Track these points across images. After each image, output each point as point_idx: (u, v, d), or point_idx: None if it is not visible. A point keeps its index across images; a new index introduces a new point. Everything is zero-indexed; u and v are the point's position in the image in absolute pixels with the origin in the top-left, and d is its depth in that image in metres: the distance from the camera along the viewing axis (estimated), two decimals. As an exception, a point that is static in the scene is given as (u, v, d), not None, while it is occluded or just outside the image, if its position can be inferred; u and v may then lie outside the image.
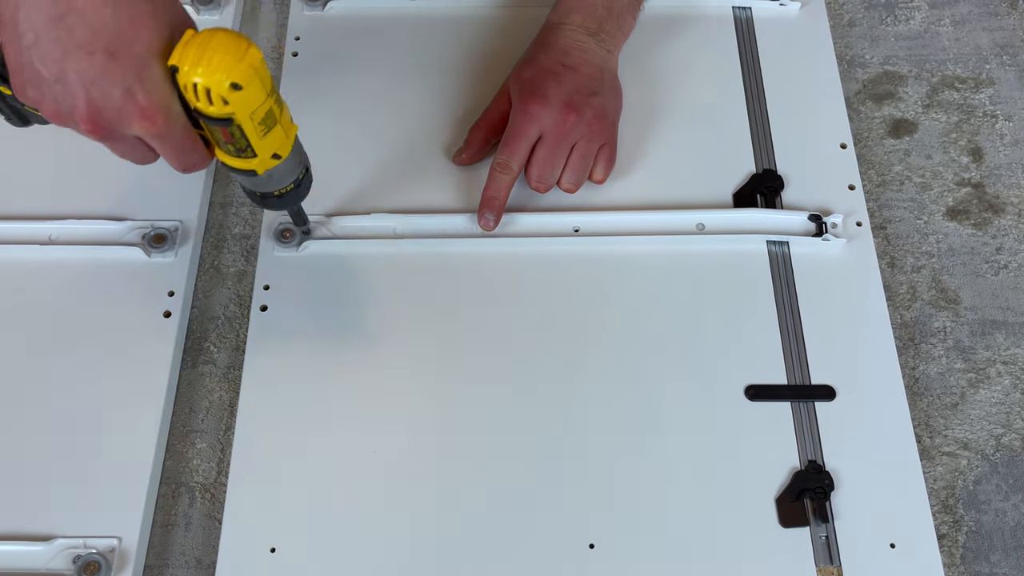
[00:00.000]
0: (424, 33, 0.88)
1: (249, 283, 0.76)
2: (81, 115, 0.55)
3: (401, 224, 0.77)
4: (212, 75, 0.53)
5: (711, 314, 0.74)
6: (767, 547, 0.65)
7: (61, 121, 0.57)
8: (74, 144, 0.80)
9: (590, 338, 0.73)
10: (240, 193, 0.81)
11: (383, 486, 0.67)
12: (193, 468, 0.70)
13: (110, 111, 0.55)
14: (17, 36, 0.54)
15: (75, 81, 0.54)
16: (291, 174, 0.64)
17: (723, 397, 0.70)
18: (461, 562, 0.65)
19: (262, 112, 0.56)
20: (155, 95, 0.55)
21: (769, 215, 0.78)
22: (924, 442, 0.71)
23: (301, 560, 0.65)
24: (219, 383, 0.73)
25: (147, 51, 0.54)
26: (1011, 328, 0.76)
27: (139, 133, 0.56)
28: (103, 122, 0.55)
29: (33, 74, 0.55)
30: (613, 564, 0.65)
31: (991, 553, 0.67)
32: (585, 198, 0.78)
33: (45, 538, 0.64)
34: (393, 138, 0.82)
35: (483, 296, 0.75)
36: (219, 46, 0.53)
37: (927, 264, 0.78)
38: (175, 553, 0.67)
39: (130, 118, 0.55)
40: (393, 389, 0.71)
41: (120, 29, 0.53)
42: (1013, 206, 0.81)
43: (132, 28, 0.53)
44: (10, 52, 0.55)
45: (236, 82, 0.53)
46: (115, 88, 0.54)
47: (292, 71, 0.86)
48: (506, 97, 0.78)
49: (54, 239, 0.76)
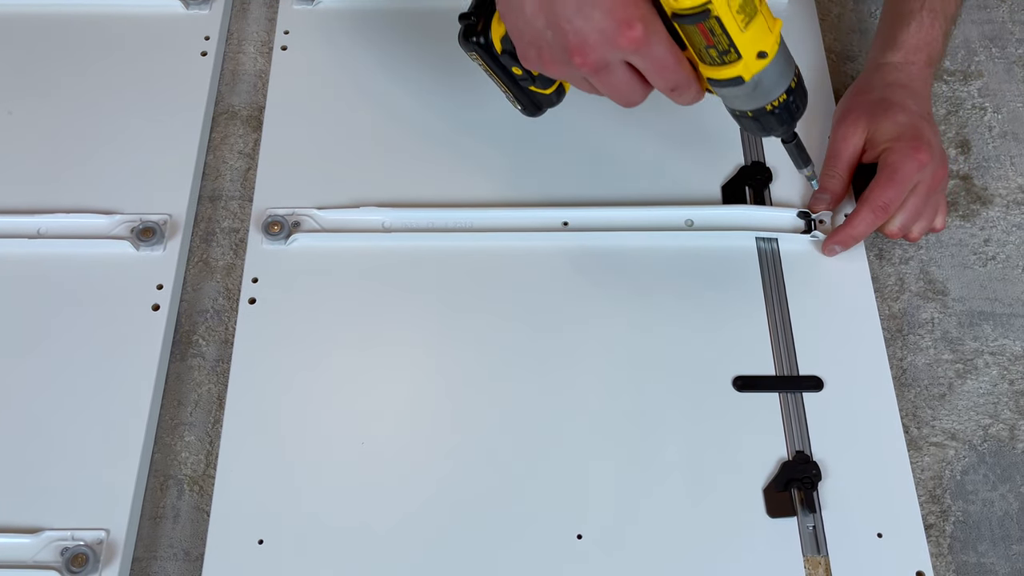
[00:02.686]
0: (413, 28, 0.88)
1: (238, 276, 0.76)
2: (572, 49, 0.58)
3: (390, 218, 0.77)
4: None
5: (700, 306, 0.74)
6: (754, 537, 0.65)
7: (562, 69, 0.61)
8: (63, 138, 0.81)
9: (579, 331, 0.73)
10: (229, 187, 0.81)
11: (371, 478, 0.67)
12: (181, 461, 0.70)
13: (594, 35, 0.58)
14: (515, 5, 0.59)
15: (561, 18, 0.58)
16: (782, 79, 0.61)
17: (711, 388, 0.71)
18: (449, 553, 0.65)
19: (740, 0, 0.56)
20: (631, 6, 0.57)
21: (758, 212, 0.78)
22: (912, 432, 0.71)
23: (289, 552, 0.65)
24: (208, 376, 0.73)
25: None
26: (998, 319, 0.76)
27: (624, 51, 0.58)
28: (591, 49, 0.58)
29: (530, 31, 0.60)
30: (600, 555, 0.65)
31: (978, 543, 0.67)
32: (574, 192, 0.78)
33: (33, 530, 0.64)
34: (382, 132, 0.82)
35: (472, 290, 0.75)
36: None
37: (915, 256, 0.79)
38: (163, 545, 0.67)
39: (612, 36, 0.57)
40: (381, 382, 0.71)
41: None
42: (1001, 198, 0.81)
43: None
44: (510, 22, 0.61)
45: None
46: (594, 10, 0.57)
47: (281, 65, 0.86)
48: (854, 133, 0.76)
49: (42, 233, 0.76)
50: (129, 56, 0.86)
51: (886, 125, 0.75)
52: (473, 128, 0.82)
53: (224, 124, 0.85)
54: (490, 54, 0.65)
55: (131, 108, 0.83)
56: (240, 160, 0.83)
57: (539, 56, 0.61)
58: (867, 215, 0.73)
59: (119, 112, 0.83)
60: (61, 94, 0.84)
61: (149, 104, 0.83)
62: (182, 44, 0.87)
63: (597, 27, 0.57)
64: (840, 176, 0.76)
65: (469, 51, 0.65)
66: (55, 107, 0.83)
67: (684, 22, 0.57)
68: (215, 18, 0.88)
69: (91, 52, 0.86)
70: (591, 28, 0.57)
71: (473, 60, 0.66)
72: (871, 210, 0.73)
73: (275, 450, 0.68)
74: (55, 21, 0.88)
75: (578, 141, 0.81)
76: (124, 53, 0.86)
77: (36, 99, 0.84)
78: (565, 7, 0.57)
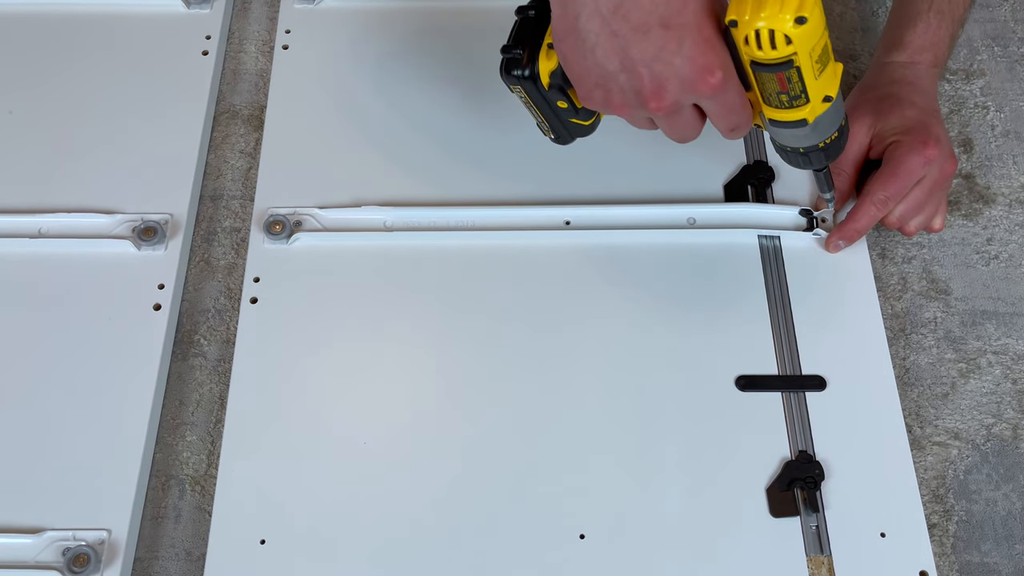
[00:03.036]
0: (414, 27, 0.88)
1: (239, 276, 0.76)
2: (648, 93, 0.58)
3: (391, 217, 0.77)
4: (777, 15, 0.54)
5: (702, 305, 0.74)
6: (757, 537, 0.65)
7: (629, 111, 0.61)
8: (63, 137, 0.81)
9: (581, 330, 0.73)
10: (231, 186, 0.81)
11: (373, 478, 0.67)
12: (183, 461, 0.70)
13: (673, 80, 0.57)
14: (580, 43, 0.58)
15: (638, 62, 0.57)
16: (837, 119, 0.62)
17: (714, 388, 0.70)
18: (451, 553, 0.65)
19: (820, 47, 0.56)
20: (711, 53, 0.56)
21: (760, 209, 0.78)
22: (915, 432, 0.71)
23: (291, 552, 0.65)
24: (209, 376, 0.73)
25: (695, 14, 0.56)
26: (1001, 318, 0.76)
27: (699, 95, 0.58)
28: (668, 94, 0.57)
29: (599, 74, 0.58)
30: (603, 554, 0.65)
31: (982, 542, 0.67)
32: (576, 190, 0.78)
33: (34, 530, 0.64)
34: (383, 131, 0.82)
35: (474, 289, 0.75)
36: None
37: (918, 255, 0.78)
38: (165, 545, 0.67)
39: (692, 81, 0.57)
40: (383, 381, 0.71)
41: (668, 1, 0.55)
42: (1004, 197, 0.81)
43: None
44: (575, 62, 0.59)
45: (801, 15, 0.54)
46: (675, 56, 0.56)
47: (282, 65, 0.86)
48: (860, 130, 0.76)
49: (44, 232, 0.76)
50: (130, 55, 0.86)
51: (893, 120, 0.75)
52: (475, 127, 0.82)
53: (225, 123, 0.85)
54: (536, 87, 0.64)
55: (132, 107, 0.83)
56: (241, 159, 0.83)
57: (606, 98, 0.60)
58: (868, 208, 0.73)
59: (120, 111, 0.83)
60: (62, 93, 0.84)
61: (150, 103, 0.83)
62: (183, 43, 0.87)
63: (677, 72, 0.56)
64: (846, 174, 0.76)
65: (513, 84, 0.64)
66: (56, 106, 0.83)
67: (764, 71, 0.57)
68: (216, 17, 0.88)
69: (92, 51, 0.86)
70: (671, 73, 0.57)
71: (514, 92, 0.65)
72: (872, 203, 0.73)
73: (277, 450, 0.68)
74: (56, 21, 0.88)
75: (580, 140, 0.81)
76: (125, 52, 0.86)
77: (37, 98, 0.83)
78: (643, 51, 0.56)
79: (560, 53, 0.60)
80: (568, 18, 0.57)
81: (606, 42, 0.57)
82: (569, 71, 0.60)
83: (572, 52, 0.59)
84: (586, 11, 0.56)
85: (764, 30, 0.54)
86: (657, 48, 0.56)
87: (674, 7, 0.55)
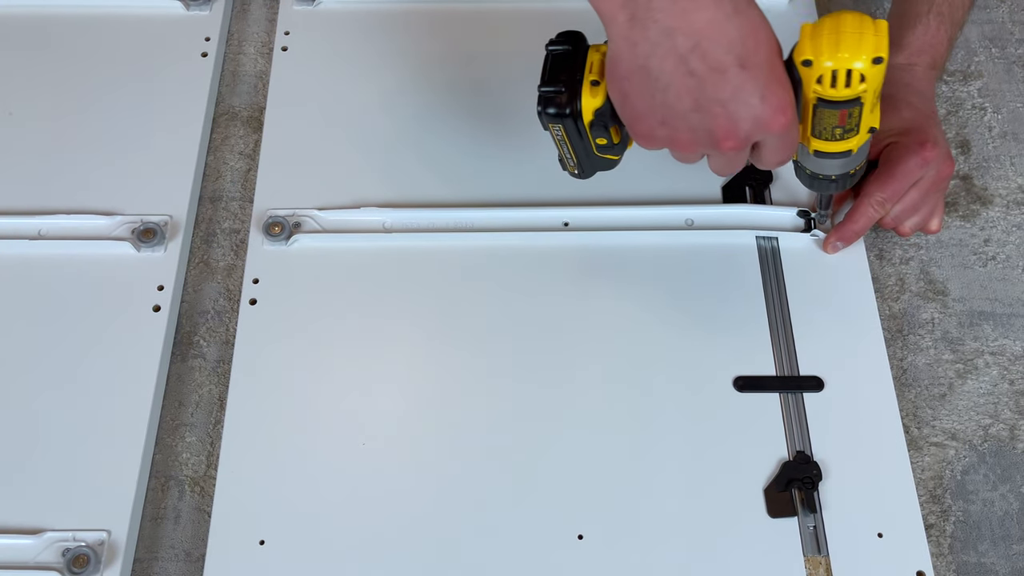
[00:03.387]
0: (413, 28, 0.88)
1: (238, 277, 0.76)
2: (721, 133, 0.57)
3: (390, 218, 0.77)
4: (857, 55, 0.55)
5: (700, 306, 0.74)
6: (755, 537, 0.65)
7: (694, 149, 0.60)
8: (63, 139, 0.81)
9: (579, 331, 0.73)
10: (230, 188, 0.81)
11: (372, 479, 0.67)
12: (183, 462, 0.70)
13: (747, 121, 0.57)
14: (650, 82, 0.57)
15: (712, 102, 0.56)
16: (867, 148, 0.63)
17: (712, 388, 0.71)
18: (450, 553, 0.65)
19: (882, 83, 0.57)
20: (782, 93, 0.57)
21: (758, 211, 0.78)
22: (912, 432, 0.71)
23: (290, 553, 0.65)
24: (208, 377, 0.73)
25: (768, 54, 0.56)
26: (999, 319, 0.76)
27: (770, 134, 0.58)
28: (740, 133, 0.57)
29: (667, 113, 0.58)
30: (601, 555, 0.65)
31: (979, 543, 0.67)
32: (574, 192, 0.78)
33: (34, 531, 0.64)
34: (382, 132, 0.82)
35: (473, 290, 0.75)
36: (852, 26, 0.55)
37: (915, 256, 0.79)
38: (164, 546, 0.67)
39: (766, 121, 0.57)
40: (382, 382, 0.71)
41: (744, 40, 0.55)
42: (1001, 198, 0.81)
43: (753, 36, 0.55)
44: (638, 100, 0.58)
45: (879, 55, 0.55)
46: (751, 97, 0.56)
47: (281, 66, 0.86)
48: None
49: (43, 234, 0.76)
50: (130, 57, 0.86)
51: (890, 121, 0.75)
52: (473, 128, 0.82)
53: (225, 125, 0.85)
54: (575, 125, 0.63)
55: (132, 109, 0.83)
56: (241, 161, 0.83)
57: (671, 136, 0.59)
58: (866, 210, 0.73)
59: (119, 113, 0.83)
60: (62, 95, 0.84)
61: (150, 105, 0.83)
62: (182, 45, 0.87)
63: (753, 112, 0.56)
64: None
65: (552, 123, 0.63)
66: (56, 108, 0.83)
67: (830, 108, 0.58)
68: (215, 19, 0.88)
69: (92, 53, 0.86)
70: (746, 113, 0.56)
71: (549, 130, 0.64)
72: (869, 204, 0.73)
73: (276, 451, 0.68)
74: (55, 22, 0.88)
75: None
76: (124, 54, 0.86)
77: (36, 100, 0.84)
78: (720, 91, 0.56)
79: (619, 91, 0.59)
80: (637, 57, 0.56)
81: (680, 81, 0.56)
82: (628, 109, 0.59)
83: (637, 90, 0.58)
84: (660, 50, 0.55)
85: (842, 70, 0.55)
86: (734, 88, 0.55)
87: (750, 47, 0.55)
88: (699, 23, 0.55)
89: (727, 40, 0.55)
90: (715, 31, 0.55)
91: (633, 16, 0.55)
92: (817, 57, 0.56)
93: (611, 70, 0.59)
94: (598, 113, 0.62)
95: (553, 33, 0.64)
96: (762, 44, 0.56)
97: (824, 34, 0.56)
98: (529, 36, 0.87)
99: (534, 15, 0.88)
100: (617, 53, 0.57)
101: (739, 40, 0.55)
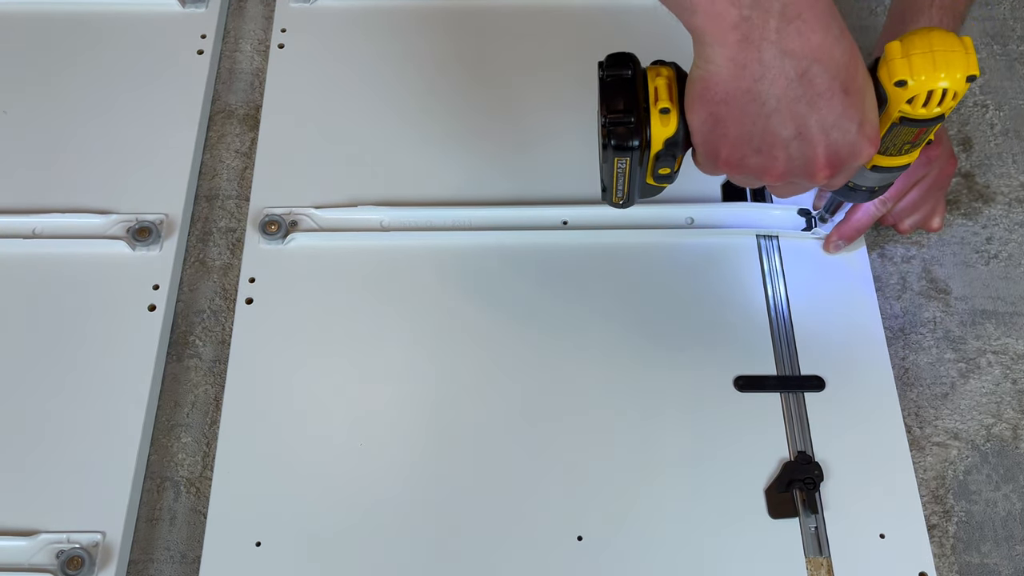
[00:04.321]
0: (409, 26, 0.88)
1: (235, 276, 0.76)
2: (820, 161, 0.55)
3: (388, 216, 0.77)
4: (952, 75, 0.54)
5: (700, 305, 0.74)
6: (756, 538, 0.65)
7: (784, 177, 0.57)
8: (58, 137, 0.80)
9: (579, 331, 0.72)
10: (226, 186, 0.81)
11: (369, 480, 0.67)
12: (178, 462, 0.69)
13: (845, 147, 0.55)
14: (755, 106, 0.54)
15: (815, 129, 0.54)
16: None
17: (712, 388, 0.70)
18: (448, 555, 0.64)
19: None
20: (875, 119, 0.56)
21: (758, 209, 0.78)
22: (914, 432, 0.70)
23: (286, 554, 0.64)
24: (204, 377, 0.72)
25: (864, 79, 0.55)
26: (1001, 318, 0.75)
27: (860, 161, 0.56)
28: (839, 161, 0.56)
29: (766, 140, 0.55)
30: (601, 556, 0.64)
31: (981, 543, 0.67)
32: (573, 190, 0.78)
33: (28, 533, 0.64)
34: (380, 130, 0.82)
35: (471, 289, 0.74)
36: (944, 44, 0.54)
37: (917, 255, 0.78)
38: (160, 548, 0.66)
39: (860, 149, 0.55)
40: (380, 382, 0.71)
41: (847, 64, 0.54)
42: (1003, 196, 0.81)
43: (852, 61, 0.54)
44: (734, 126, 0.55)
45: (972, 73, 0.54)
46: (851, 123, 0.54)
47: (278, 64, 0.85)
48: None
49: (38, 232, 0.76)
50: (125, 55, 0.85)
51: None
52: (472, 126, 0.82)
53: (221, 123, 0.84)
54: (642, 155, 0.58)
55: (127, 107, 0.82)
56: (237, 159, 0.82)
57: (765, 165, 0.56)
58: (868, 208, 0.73)
59: (115, 111, 0.82)
60: (57, 93, 0.83)
61: (145, 103, 0.83)
62: (178, 43, 0.86)
63: (849, 140, 0.55)
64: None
65: (621, 156, 0.58)
66: (51, 106, 0.82)
67: (913, 126, 0.57)
68: (211, 16, 0.88)
69: (87, 51, 0.86)
70: (845, 141, 0.55)
71: (612, 164, 0.59)
72: (871, 203, 0.73)
73: (273, 451, 0.68)
74: (50, 20, 0.88)
75: (578, 140, 0.81)
76: (120, 52, 0.86)
77: (31, 98, 0.83)
78: (824, 118, 0.54)
79: (711, 115, 0.55)
80: (744, 79, 0.53)
81: (787, 107, 0.53)
82: (717, 136, 0.56)
83: (736, 115, 0.55)
84: (770, 73, 0.53)
85: (938, 90, 0.54)
86: (837, 115, 0.54)
87: (851, 72, 0.54)
88: (812, 46, 0.53)
89: (835, 64, 0.53)
90: (825, 55, 0.53)
91: (746, 37, 0.52)
92: (914, 78, 0.54)
93: (702, 94, 0.55)
94: (669, 143, 0.57)
95: (549, 29, 0.63)
96: (860, 69, 0.54)
97: (916, 54, 0.54)
98: (528, 34, 0.87)
99: (533, 13, 0.87)
100: (715, 76, 0.54)
101: (844, 65, 0.53)
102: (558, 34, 0.86)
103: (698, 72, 0.55)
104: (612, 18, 0.87)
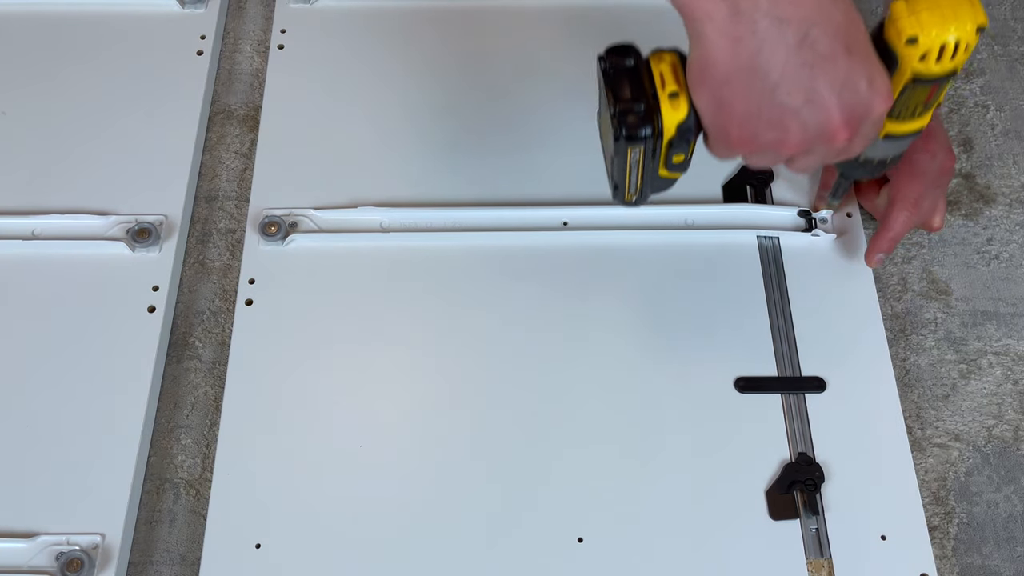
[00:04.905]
0: (409, 26, 0.88)
1: (234, 277, 0.76)
2: (836, 122, 0.54)
3: (388, 218, 0.77)
4: (962, 26, 0.53)
5: (701, 307, 0.74)
6: (757, 540, 0.65)
7: (803, 147, 0.56)
8: (58, 138, 0.80)
9: (579, 332, 0.72)
10: (226, 187, 0.80)
11: (369, 482, 0.67)
12: (178, 464, 0.69)
13: (860, 105, 0.54)
14: (759, 81, 0.53)
15: (825, 92, 0.53)
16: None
17: (713, 389, 0.70)
18: (449, 557, 0.64)
19: None
20: (884, 73, 0.55)
21: (758, 210, 0.77)
22: (915, 434, 0.70)
23: (286, 556, 0.64)
24: (204, 378, 0.72)
25: (866, 37, 0.54)
26: (1002, 319, 0.75)
27: (873, 120, 0.55)
28: (855, 119, 0.54)
29: (776, 113, 0.54)
30: (602, 558, 0.64)
31: (983, 545, 0.67)
32: (574, 191, 0.78)
33: (28, 535, 0.64)
34: (379, 131, 0.82)
35: (471, 290, 0.74)
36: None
37: (918, 255, 0.78)
38: (159, 549, 0.66)
39: (874, 104, 0.54)
40: (379, 384, 0.71)
41: (848, 24, 0.53)
42: (1004, 196, 0.81)
43: (853, 20, 0.53)
44: (741, 104, 0.54)
45: (981, 23, 0.54)
46: (861, 80, 0.54)
47: (278, 65, 0.85)
48: None
49: (37, 234, 0.75)
50: (125, 55, 0.85)
51: None
52: (472, 127, 0.82)
53: (220, 124, 0.84)
54: (656, 144, 0.57)
55: (127, 108, 0.82)
56: (236, 160, 0.82)
57: (780, 139, 0.55)
58: (901, 213, 0.72)
59: (114, 112, 0.82)
60: (56, 94, 0.83)
61: (145, 104, 0.82)
62: (178, 43, 0.86)
63: (861, 99, 0.54)
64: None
65: (634, 146, 0.57)
66: (50, 107, 0.82)
67: (926, 85, 0.56)
68: (211, 17, 0.88)
69: (86, 51, 0.86)
70: (858, 100, 0.54)
71: (626, 155, 0.58)
72: (905, 207, 0.72)
73: (272, 453, 0.67)
74: (50, 20, 0.87)
75: (578, 140, 0.81)
76: (120, 52, 0.85)
77: (31, 99, 0.83)
78: (832, 81, 0.53)
79: (715, 97, 0.55)
80: (741, 56, 0.52)
81: (792, 74, 0.52)
82: (725, 116, 0.55)
83: (740, 93, 0.54)
84: (768, 45, 0.52)
85: (950, 44, 0.53)
86: (845, 75, 0.53)
87: (852, 32, 0.53)
88: (807, 10, 0.52)
89: (834, 26, 0.52)
90: (823, 17, 0.52)
91: (736, 9, 0.51)
92: (924, 32, 0.53)
93: (702, 75, 0.54)
94: (681, 128, 0.57)
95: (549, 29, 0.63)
96: (861, 28, 0.54)
97: (923, 9, 0.54)
98: (528, 34, 0.87)
99: (534, 13, 0.87)
100: (711, 55, 0.53)
101: (844, 24, 0.53)
102: (558, 35, 0.86)
103: (695, 54, 0.54)
104: (612, 18, 0.87)
